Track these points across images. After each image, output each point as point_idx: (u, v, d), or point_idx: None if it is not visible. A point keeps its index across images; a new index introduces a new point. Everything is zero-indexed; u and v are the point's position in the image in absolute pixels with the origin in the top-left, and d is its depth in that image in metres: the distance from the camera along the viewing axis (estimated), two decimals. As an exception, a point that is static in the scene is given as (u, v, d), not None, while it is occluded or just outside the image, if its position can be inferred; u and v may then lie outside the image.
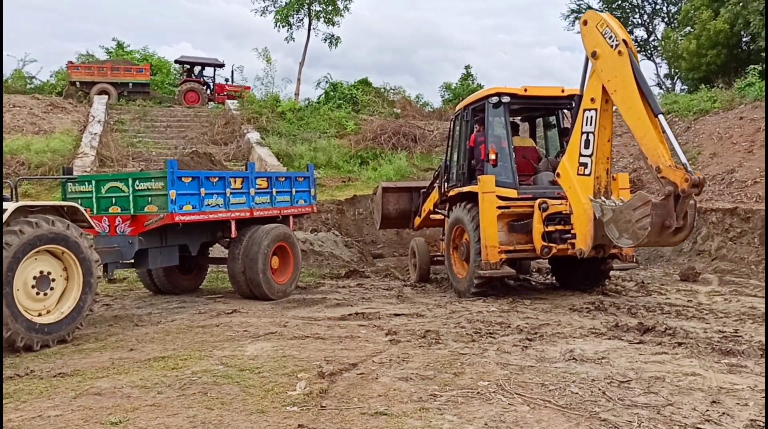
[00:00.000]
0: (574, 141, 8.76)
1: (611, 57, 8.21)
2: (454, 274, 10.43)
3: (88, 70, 29.06)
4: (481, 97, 10.46)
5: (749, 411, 4.65)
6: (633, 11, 43.29)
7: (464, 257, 10.10)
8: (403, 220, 13.67)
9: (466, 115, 10.76)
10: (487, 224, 9.48)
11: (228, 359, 6.26)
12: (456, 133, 11.34)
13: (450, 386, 5.29)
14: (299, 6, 31.11)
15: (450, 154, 11.42)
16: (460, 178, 10.69)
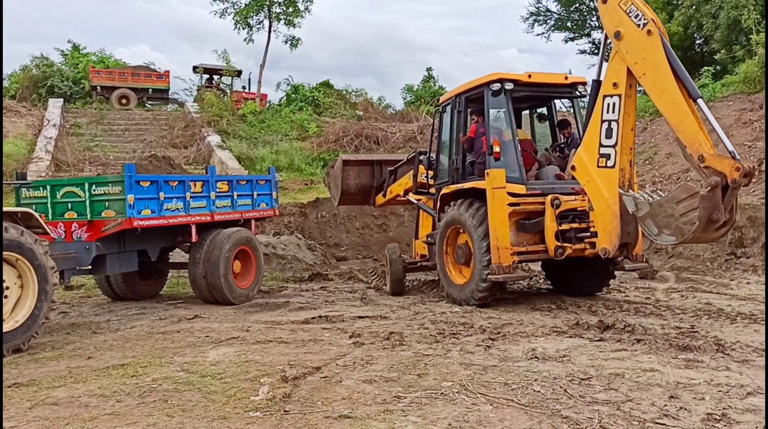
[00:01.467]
0: (592, 131, 7.94)
1: (638, 37, 7.40)
2: (449, 280, 9.59)
3: (109, 74, 29.34)
4: (478, 85, 9.50)
5: (706, 405, 4.76)
6: (590, 14, 44.04)
7: (463, 261, 9.36)
8: (363, 196, 12.86)
9: (458, 104, 9.83)
10: (499, 223, 8.69)
11: (189, 365, 6.17)
12: (444, 126, 10.44)
13: (414, 387, 5.29)
14: (259, 7, 30.88)
15: (436, 149, 10.53)
16: (452, 174, 9.83)
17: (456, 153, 9.81)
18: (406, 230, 16.88)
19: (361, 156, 13.41)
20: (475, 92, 9.62)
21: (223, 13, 31.55)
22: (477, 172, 9.42)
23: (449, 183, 9.85)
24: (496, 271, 8.66)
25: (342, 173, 12.49)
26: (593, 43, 44.06)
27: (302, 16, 31.57)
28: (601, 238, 7.92)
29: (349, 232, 16.75)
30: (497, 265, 8.67)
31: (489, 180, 8.81)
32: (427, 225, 11.17)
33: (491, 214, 8.74)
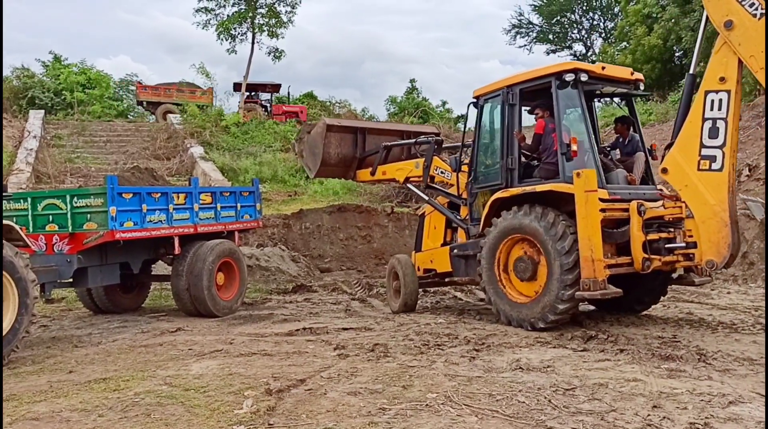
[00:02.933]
0: (690, 130, 7.28)
1: (755, 28, 6.76)
2: (505, 299, 8.32)
3: (155, 91, 30.26)
4: (546, 74, 8.35)
5: (688, 414, 4.79)
6: (572, 26, 44.60)
7: (527, 276, 8.14)
8: (342, 168, 11.48)
9: (511, 97, 8.61)
10: (593, 232, 7.45)
11: (172, 379, 6.11)
12: (488, 121, 9.28)
13: (399, 399, 5.28)
14: (242, 19, 30.90)
15: (474, 147, 9.22)
16: (506, 176, 8.59)
17: (509, 152, 8.56)
18: (390, 242, 16.91)
19: (346, 121, 11.79)
20: (537, 83, 8.47)
21: (206, 24, 31.56)
22: (543, 174, 8.35)
23: (502, 185, 8.57)
24: (590, 286, 7.39)
25: (324, 140, 11.00)
26: (574, 56, 44.58)
27: (285, 27, 31.65)
28: (705, 249, 7.28)
29: (333, 244, 16.73)
30: (591, 279, 7.41)
31: (580, 182, 7.54)
32: (436, 233, 10.12)
33: (583, 222, 7.50)
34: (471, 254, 9.05)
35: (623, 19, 32.68)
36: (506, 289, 8.38)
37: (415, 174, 10.42)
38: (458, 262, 9.39)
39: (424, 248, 10.23)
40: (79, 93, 30.78)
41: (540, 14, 44.25)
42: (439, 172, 10.05)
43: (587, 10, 43.58)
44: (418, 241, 10.49)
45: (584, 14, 43.87)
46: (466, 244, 9.28)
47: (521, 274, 8.22)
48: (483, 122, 9.21)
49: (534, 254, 8.09)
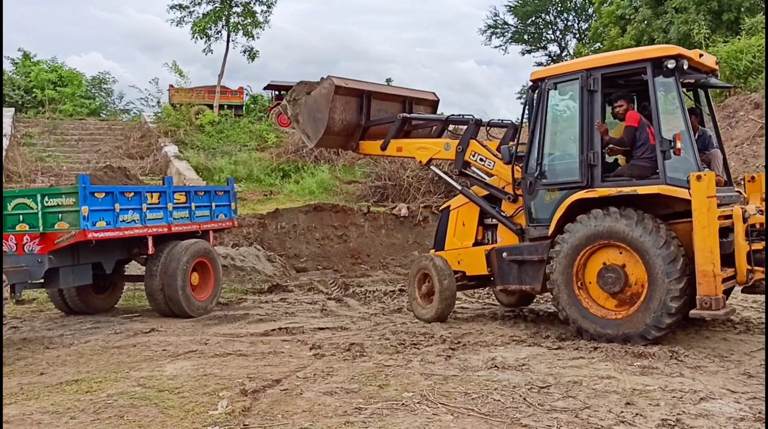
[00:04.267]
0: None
1: None
2: (588, 313, 7.28)
3: (187, 93, 30.03)
4: (639, 59, 7.35)
5: (661, 411, 4.86)
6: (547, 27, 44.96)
7: (616, 288, 7.14)
8: (344, 137, 9.89)
9: (591, 83, 7.49)
10: (714, 243, 6.52)
11: (146, 380, 6.05)
12: (557, 110, 8.30)
13: (375, 399, 5.28)
14: (217, 18, 30.66)
15: (538, 138, 7.96)
16: (587, 172, 7.47)
17: (590, 146, 7.49)
18: (366, 241, 16.88)
19: (353, 82, 9.78)
20: (626, 68, 7.55)
21: (180, 21, 31.26)
22: (636, 173, 7.38)
23: (582, 184, 7.49)
24: (711, 305, 6.47)
25: (331, 103, 9.38)
26: (549, 56, 44.96)
27: (261, 27, 31.48)
28: None
29: (308, 243, 16.67)
30: (713, 297, 6.47)
31: (701, 186, 6.59)
32: (465, 231, 9.01)
33: (704, 232, 6.56)
34: (529, 259, 8.00)
35: (597, 20, 33.05)
36: (587, 303, 7.34)
37: (444, 156, 9.27)
38: (508, 266, 8.22)
39: (448, 247, 9.09)
40: (50, 91, 30.34)
41: (515, 15, 44.51)
42: (478, 158, 8.81)
43: (561, 11, 43.95)
44: (440, 239, 9.33)
45: (559, 15, 44.23)
46: (520, 247, 8.16)
47: (609, 287, 7.20)
48: (549, 109, 7.96)
49: (624, 264, 7.10)
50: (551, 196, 7.90)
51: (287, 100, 9.96)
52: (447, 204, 9.52)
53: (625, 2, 28.42)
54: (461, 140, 8.96)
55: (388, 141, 9.64)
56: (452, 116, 9.59)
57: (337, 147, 10.62)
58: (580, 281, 7.40)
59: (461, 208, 9.12)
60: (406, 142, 9.65)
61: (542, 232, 7.87)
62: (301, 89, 9.91)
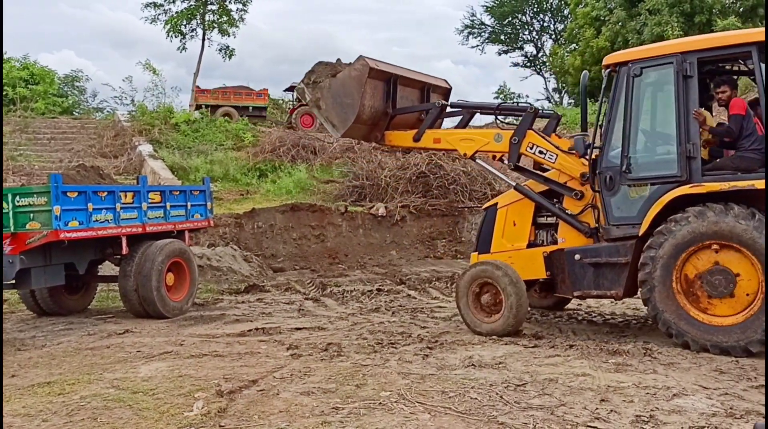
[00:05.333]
0: None
1: None
2: (692, 320, 6.72)
3: (213, 94, 30.69)
4: (742, 42, 6.81)
5: (635, 407, 4.91)
6: (523, 28, 45.28)
7: (725, 292, 6.59)
8: (370, 127, 8.80)
9: (687, 67, 6.92)
10: None
11: (120, 382, 5.98)
12: (651, 96, 7.58)
13: (352, 398, 5.27)
14: (191, 16, 30.41)
15: (622, 128, 7.29)
16: (686, 166, 6.87)
17: (688, 137, 6.91)
18: (344, 241, 16.87)
19: (383, 64, 8.66)
20: (727, 52, 7.08)
21: (154, 19, 30.97)
22: (742, 165, 6.80)
23: (682, 178, 6.90)
24: None
25: (364, 87, 8.34)
26: (526, 56, 45.31)
27: (237, 25, 31.29)
28: None
29: (285, 243, 16.60)
30: None
31: None
32: (517, 232, 8.27)
33: None
34: (609, 262, 7.39)
35: (572, 21, 33.35)
36: (689, 308, 6.78)
37: (493, 148, 8.40)
38: (582, 270, 7.54)
39: (495, 249, 8.33)
40: (22, 89, 29.83)
41: (492, 15, 44.78)
42: (537, 150, 8.03)
43: (538, 12, 44.29)
44: (484, 240, 8.54)
45: (535, 16, 44.58)
46: (597, 248, 7.50)
47: (715, 290, 6.63)
48: (635, 97, 7.28)
49: (735, 265, 6.58)
50: (638, 192, 7.25)
51: (305, 82, 8.72)
52: (493, 201, 8.72)
53: (599, 4, 28.73)
54: (517, 131, 8.12)
55: (423, 131, 8.63)
56: (505, 104, 8.73)
57: (360, 137, 9.50)
58: (682, 280, 6.81)
59: (511, 205, 8.35)
60: (445, 132, 8.77)
61: (627, 231, 7.24)
62: (324, 71, 8.71)
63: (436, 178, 18.35)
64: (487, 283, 7.78)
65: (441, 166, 18.47)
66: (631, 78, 7.23)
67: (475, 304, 7.87)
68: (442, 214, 17.67)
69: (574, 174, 7.78)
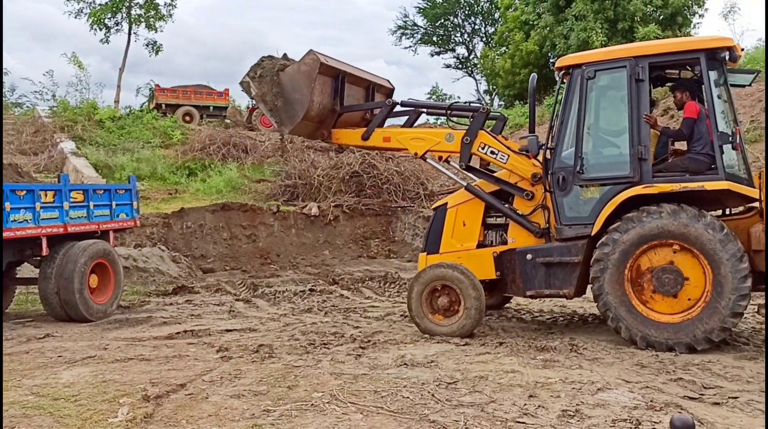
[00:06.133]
0: None
1: None
2: (643, 318, 6.87)
3: (173, 93, 29.99)
4: (692, 48, 7.12)
5: (561, 402, 5.04)
6: (455, 30, 45.87)
7: (672, 290, 6.81)
8: (317, 124, 8.61)
9: (639, 71, 7.13)
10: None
11: (40, 388, 5.74)
12: (604, 98, 7.70)
13: (284, 400, 5.22)
14: (116, 9, 29.49)
15: (579, 130, 7.40)
16: (635, 167, 7.06)
17: (639, 140, 7.10)
18: (276, 241, 16.70)
19: (333, 60, 8.49)
20: (676, 58, 7.33)
21: (78, 12, 29.89)
22: (692, 167, 7.04)
23: (634, 179, 7.08)
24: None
25: (314, 83, 8.15)
26: (458, 58, 45.92)
27: (164, 20, 30.53)
28: None
29: (216, 243, 16.30)
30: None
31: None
32: (467, 232, 8.22)
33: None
34: (561, 261, 7.48)
35: (503, 24, 33.97)
36: (632, 296, 6.95)
37: (444, 148, 8.37)
38: (533, 270, 7.60)
39: (445, 250, 8.24)
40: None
41: (424, 16, 45.18)
42: (489, 151, 8.07)
43: (469, 14, 44.94)
44: (433, 240, 8.40)
45: (466, 18, 45.19)
46: (549, 248, 7.57)
47: (665, 288, 6.83)
48: (588, 99, 7.43)
49: (683, 264, 6.79)
50: (591, 193, 7.38)
51: (251, 76, 8.44)
52: (443, 201, 8.62)
53: (529, 8, 29.39)
54: (468, 131, 8.13)
55: (372, 130, 8.53)
56: (456, 104, 8.78)
57: (307, 135, 9.16)
58: (632, 278, 6.98)
59: (461, 205, 8.30)
60: (395, 131, 8.65)
61: (580, 231, 7.37)
62: (271, 65, 8.50)
63: (369, 177, 18.39)
64: (442, 286, 7.70)
65: (374, 166, 18.53)
66: (584, 80, 7.38)
67: (429, 307, 7.77)
68: (376, 214, 17.73)
69: (525, 174, 7.87)
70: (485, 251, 8.04)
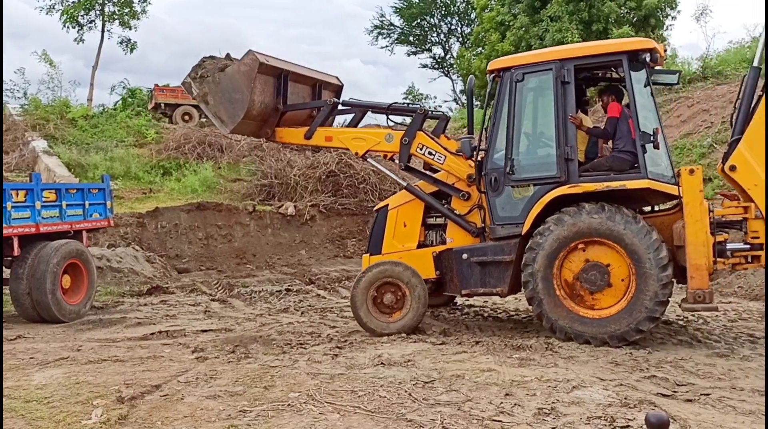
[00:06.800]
0: (760, 127, 6.77)
1: None
2: (572, 313, 7.07)
3: (172, 92, 29.32)
4: (615, 51, 7.38)
5: (537, 400, 5.08)
6: (431, 30, 45.97)
7: (599, 287, 7.04)
8: (259, 123, 8.62)
9: (564, 73, 7.31)
10: (706, 238, 6.76)
11: (11, 390, 5.64)
12: (532, 100, 7.93)
13: (260, 401, 5.19)
14: (89, 6, 29.11)
15: (510, 132, 7.56)
16: (561, 167, 7.25)
17: (566, 140, 7.29)
18: (252, 241, 16.60)
19: (273, 59, 8.55)
20: (601, 60, 7.58)
21: (50, 9, 29.46)
22: (616, 166, 7.27)
23: (561, 179, 7.26)
24: (704, 298, 6.69)
25: (254, 82, 8.15)
26: (434, 58, 46.03)
27: (138, 18, 30.21)
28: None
29: (191, 243, 16.16)
30: (705, 291, 6.69)
31: (694, 180, 6.80)
32: (407, 232, 8.31)
33: (696, 226, 6.74)
34: (494, 260, 7.63)
35: (479, 25, 34.13)
36: (568, 301, 7.14)
37: (384, 148, 8.43)
38: (469, 269, 7.74)
39: (387, 250, 8.30)
40: None
41: (401, 16, 45.21)
42: (427, 151, 8.18)
43: (445, 14, 45.06)
44: (375, 242, 8.49)
45: (443, 18, 45.31)
46: (483, 247, 7.71)
47: (592, 285, 7.06)
48: (517, 101, 7.58)
49: (609, 261, 7.02)
50: (521, 193, 7.56)
51: (191, 77, 8.48)
52: (384, 203, 8.73)
53: (504, 9, 29.54)
54: (407, 131, 8.24)
55: (315, 129, 8.56)
56: (396, 104, 8.69)
57: (250, 134, 9.27)
58: (561, 277, 7.18)
59: (402, 207, 8.42)
60: (336, 131, 8.76)
61: (512, 230, 7.53)
62: (212, 65, 8.54)
63: (346, 177, 18.36)
64: (386, 284, 7.78)
65: (351, 166, 18.50)
66: (513, 83, 7.55)
67: (376, 307, 7.80)
68: (352, 214, 17.71)
69: (461, 175, 8.02)
70: (425, 251, 8.18)
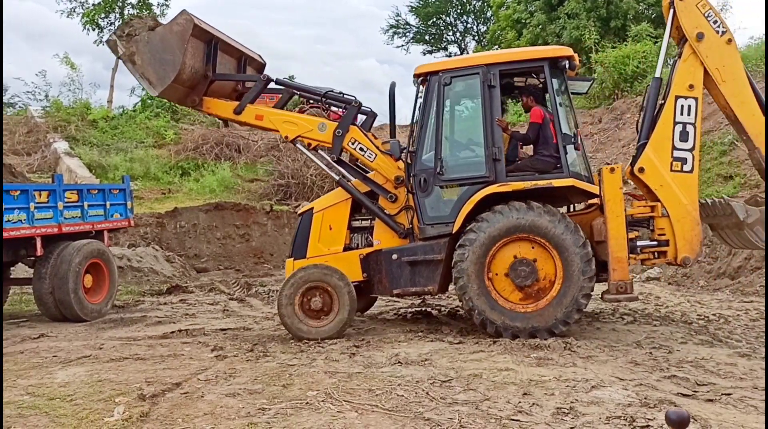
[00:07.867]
0: (663, 132, 7.36)
1: (718, 44, 7.30)
2: (502, 309, 7.31)
3: None
4: (537, 57, 7.75)
5: (555, 400, 5.07)
6: (447, 29, 45.93)
7: (528, 282, 7.31)
8: (187, 89, 8.24)
9: (490, 78, 7.56)
10: (624, 231, 7.18)
11: (35, 388, 5.74)
12: (459, 104, 8.24)
13: (279, 399, 5.24)
14: (109, 9, 29.39)
15: (431, 134, 7.81)
16: (490, 168, 7.50)
17: (494, 142, 7.54)
18: (269, 240, 16.71)
19: (206, 24, 8.20)
20: (524, 66, 7.84)
21: (71, 12, 29.80)
22: (540, 167, 7.60)
23: (490, 179, 7.51)
24: (626, 288, 7.13)
25: (187, 44, 7.81)
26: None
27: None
28: (680, 246, 7.34)
29: (209, 243, 16.31)
30: (626, 282, 7.14)
31: (614, 178, 7.20)
32: (333, 235, 8.24)
33: (616, 221, 7.14)
34: (424, 260, 7.73)
35: (495, 23, 34.04)
36: (496, 294, 7.38)
37: (316, 137, 8.29)
38: (399, 269, 7.79)
39: (312, 254, 8.16)
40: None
41: (417, 15, 45.23)
42: (358, 147, 8.19)
43: (461, 13, 45.01)
44: (300, 245, 8.29)
45: (459, 17, 45.28)
46: (413, 247, 7.81)
47: (520, 280, 7.34)
48: (445, 104, 7.85)
49: (536, 258, 7.33)
50: (451, 193, 7.73)
51: (117, 35, 8.06)
52: (309, 206, 8.62)
53: (521, 7, 29.42)
54: (341, 123, 8.20)
55: (245, 105, 8.34)
56: (331, 92, 8.46)
57: (176, 100, 8.66)
58: (491, 273, 7.39)
59: (327, 209, 8.33)
60: (268, 111, 8.48)
61: (441, 230, 7.68)
62: (141, 24, 8.17)
63: (362, 177, 18.38)
64: (313, 288, 7.67)
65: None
66: (441, 86, 7.73)
67: (303, 311, 7.66)
68: (369, 213, 17.72)
69: (389, 176, 8.12)
70: (351, 254, 8.16)
